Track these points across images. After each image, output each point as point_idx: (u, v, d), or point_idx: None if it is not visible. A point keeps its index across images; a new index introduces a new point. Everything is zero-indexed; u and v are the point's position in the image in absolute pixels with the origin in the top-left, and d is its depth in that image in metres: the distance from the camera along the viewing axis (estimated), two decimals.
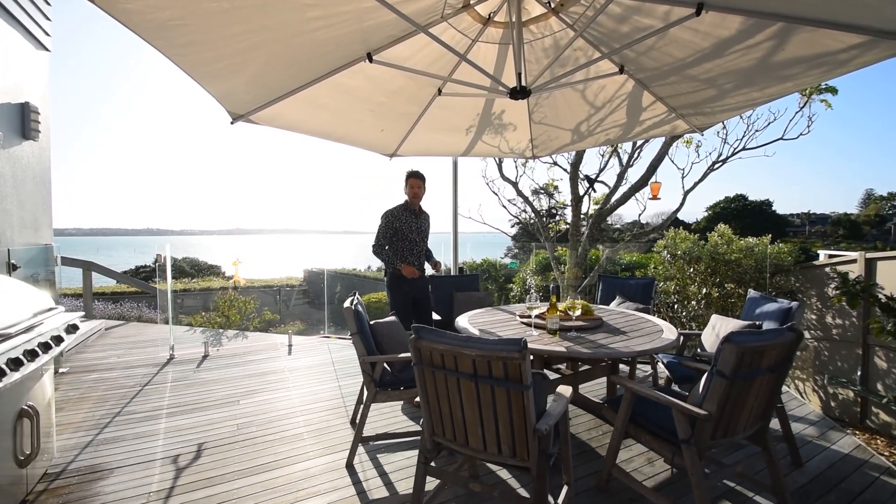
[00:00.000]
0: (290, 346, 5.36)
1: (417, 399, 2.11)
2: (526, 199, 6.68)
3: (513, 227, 7.52)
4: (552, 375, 3.36)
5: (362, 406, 2.64)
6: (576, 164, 5.94)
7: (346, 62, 2.72)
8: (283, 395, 3.79)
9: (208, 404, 3.61)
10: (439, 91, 3.39)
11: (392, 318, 3.13)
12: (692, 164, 6.13)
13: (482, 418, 1.72)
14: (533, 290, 3.07)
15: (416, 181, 3.88)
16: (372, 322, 2.90)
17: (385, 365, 2.82)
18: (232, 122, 3.02)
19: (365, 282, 14.09)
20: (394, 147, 4.04)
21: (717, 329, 3.02)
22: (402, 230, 3.81)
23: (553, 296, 2.67)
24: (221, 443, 2.96)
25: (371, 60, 2.66)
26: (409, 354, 2.62)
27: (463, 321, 3.01)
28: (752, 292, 3.11)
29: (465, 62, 2.58)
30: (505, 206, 7.11)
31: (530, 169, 7.25)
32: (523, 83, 2.48)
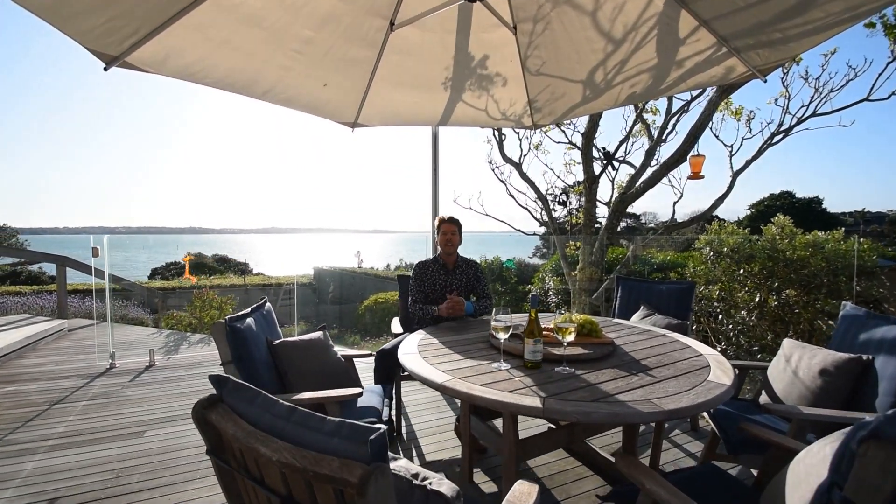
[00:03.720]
0: None
1: None
2: (531, 183, 5.63)
3: (541, 225, 6.46)
4: (537, 428, 2.40)
5: None
6: (589, 134, 4.83)
7: None
8: None
9: (107, 435, 2.85)
10: (391, 25, 2.50)
11: (316, 333, 2.26)
12: (742, 139, 4.96)
13: None
14: (552, 292, 2.11)
15: (448, 226, 2.92)
16: (276, 342, 2.04)
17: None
18: (105, 68, 2.24)
19: (375, 281, 13.36)
20: (352, 112, 3.17)
21: (794, 363, 1.99)
22: (426, 286, 2.89)
23: (532, 309, 1.73)
24: (82, 500, 2.17)
25: None
26: (324, 394, 1.76)
27: (409, 344, 2.10)
28: (849, 307, 2.05)
29: None
30: (513, 196, 6.12)
31: (543, 153, 6.22)
32: None
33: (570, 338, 1.68)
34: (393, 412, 2.75)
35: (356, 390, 1.75)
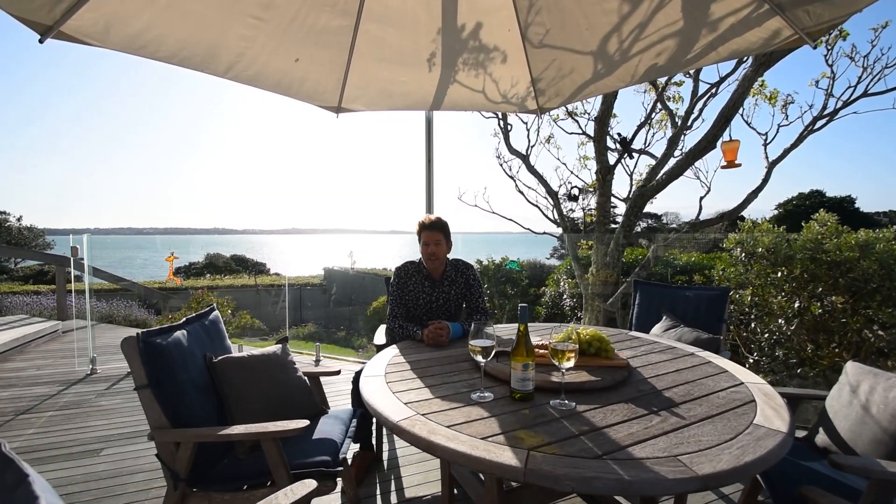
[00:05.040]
0: None
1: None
2: (539, 177, 5.19)
3: (558, 226, 5.96)
4: None
5: None
6: (602, 119, 4.34)
7: None
8: None
9: (61, 453, 2.59)
10: None
11: (273, 348, 1.92)
12: (778, 126, 4.45)
13: None
14: (566, 296, 1.74)
15: (430, 234, 2.35)
16: (217, 359, 1.71)
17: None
18: (41, 40, 1.97)
19: (384, 282, 13.05)
20: (334, 95, 2.84)
21: (863, 395, 1.55)
22: (408, 299, 2.41)
23: (521, 324, 1.35)
24: None
25: None
26: (258, 429, 1.43)
27: (377, 364, 1.74)
28: None
29: None
30: (522, 192, 5.71)
31: (555, 147, 5.79)
32: None
33: (570, 364, 1.30)
34: (373, 436, 2.40)
35: (298, 424, 1.40)
